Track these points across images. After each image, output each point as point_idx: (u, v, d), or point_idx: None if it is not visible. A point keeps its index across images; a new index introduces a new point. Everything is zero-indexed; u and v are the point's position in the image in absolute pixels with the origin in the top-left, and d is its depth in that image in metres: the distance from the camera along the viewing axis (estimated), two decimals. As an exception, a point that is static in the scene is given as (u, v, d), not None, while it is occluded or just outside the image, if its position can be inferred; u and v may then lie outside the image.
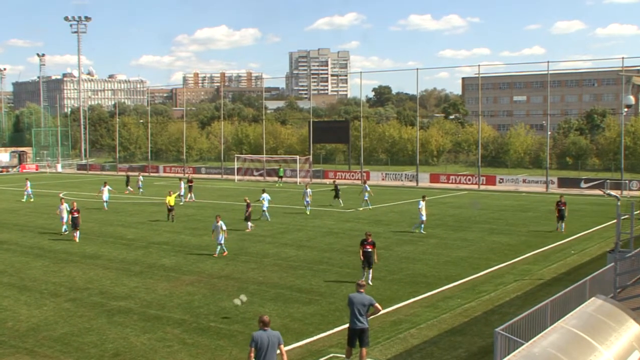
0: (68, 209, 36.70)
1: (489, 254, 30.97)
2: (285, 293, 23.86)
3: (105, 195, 49.26)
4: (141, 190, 61.08)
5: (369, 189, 50.51)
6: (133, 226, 40.60)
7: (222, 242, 30.42)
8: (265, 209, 42.69)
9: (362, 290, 16.92)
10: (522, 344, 12.01)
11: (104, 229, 39.27)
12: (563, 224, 37.41)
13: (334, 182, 59.42)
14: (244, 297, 20.78)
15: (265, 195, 43.16)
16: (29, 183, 57.65)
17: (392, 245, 33.42)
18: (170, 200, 42.20)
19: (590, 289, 17.03)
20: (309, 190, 46.80)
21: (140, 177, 63.86)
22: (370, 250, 24.77)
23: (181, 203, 50.51)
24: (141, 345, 18.24)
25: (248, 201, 39.22)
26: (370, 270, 24.99)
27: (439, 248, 32.65)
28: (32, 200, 55.24)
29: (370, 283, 24.21)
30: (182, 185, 54.63)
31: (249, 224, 38.54)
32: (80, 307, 22.05)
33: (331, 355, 17.39)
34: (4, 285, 25.45)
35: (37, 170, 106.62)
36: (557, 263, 29.12)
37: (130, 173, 78.28)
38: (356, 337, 16.68)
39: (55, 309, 21.83)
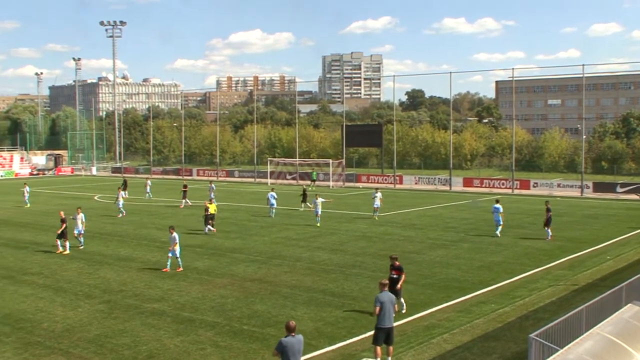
0: (84, 220, 34.68)
1: (523, 259, 30.72)
2: (318, 297, 23.85)
3: (120, 202, 47.99)
4: (149, 195, 60.99)
5: (380, 195, 45.75)
6: (167, 229, 40.79)
7: (178, 255, 28.48)
8: (272, 205, 45.62)
9: (386, 289, 17.17)
10: (557, 351, 12.01)
11: (138, 232, 39.61)
12: (549, 229, 36.41)
13: (303, 186, 58.43)
14: None
15: (271, 194, 46.06)
16: (27, 188, 56.00)
17: (425, 249, 33.31)
18: (211, 208, 40.27)
19: (626, 295, 16.86)
20: (319, 199, 43.11)
21: (148, 182, 63.62)
22: (396, 276, 21.10)
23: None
24: (174, 347, 18.35)
25: (208, 205, 39.65)
26: (402, 300, 21.40)
27: (472, 252, 32.45)
28: (26, 206, 54.32)
29: (403, 311, 21.39)
30: (213, 187, 54.69)
31: (207, 227, 38.62)
32: (114, 309, 22.24)
33: (363, 359, 17.35)
34: (39, 286, 25.77)
35: (72, 173, 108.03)
36: (593, 269, 28.78)
37: (127, 175, 77.72)
38: (384, 335, 16.83)
39: (90, 311, 22.05)
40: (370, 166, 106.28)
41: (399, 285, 21.16)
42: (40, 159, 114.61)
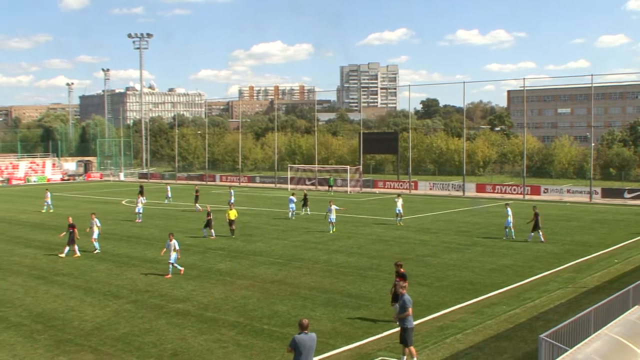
0: (99, 224, 35.20)
1: (533, 262, 31.11)
2: (336, 298, 24.32)
3: (139, 207, 48.60)
4: (169, 200, 61.62)
5: (401, 201, 45.79)
6: (191, 232, 41.47)
7: (174, 261, 28.62)
8: (291, 209, 48.26)
9: (405, 291, 17.77)
10: (566, 351, 12.29)
11: (163, 235, 39.87)
12: (540, 232, 37.21)
13: (304, 191, 58.62)
14: None
15: (292, 198, 48.68)
16: (49, 194, 57.46)
17: (440, 252, 33.83)
18: (231, 214, 40.30)
19: (633, 297, 17.18)
20: (333, 206, 42.20)
21: (168, 187, 64.38)
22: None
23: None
24: (198, 345, 18.91)
25: (209, 210, 40.65)
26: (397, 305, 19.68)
27: (485, 256, 32.90)
28: (51, 210, 55.56)
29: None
30: (232, 192, 55.50)
31: (208, 231, 39.44)
32: (140, 309, 22.89)
33: (380, 358, 17.83)
34: (70, 286, 26.55)
35: (101, 178, 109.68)
36: (601, 272, 29.11)
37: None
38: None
39: (118, 310, 22.73)
40: (387, 172, 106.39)
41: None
42: (70, 165, 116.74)
